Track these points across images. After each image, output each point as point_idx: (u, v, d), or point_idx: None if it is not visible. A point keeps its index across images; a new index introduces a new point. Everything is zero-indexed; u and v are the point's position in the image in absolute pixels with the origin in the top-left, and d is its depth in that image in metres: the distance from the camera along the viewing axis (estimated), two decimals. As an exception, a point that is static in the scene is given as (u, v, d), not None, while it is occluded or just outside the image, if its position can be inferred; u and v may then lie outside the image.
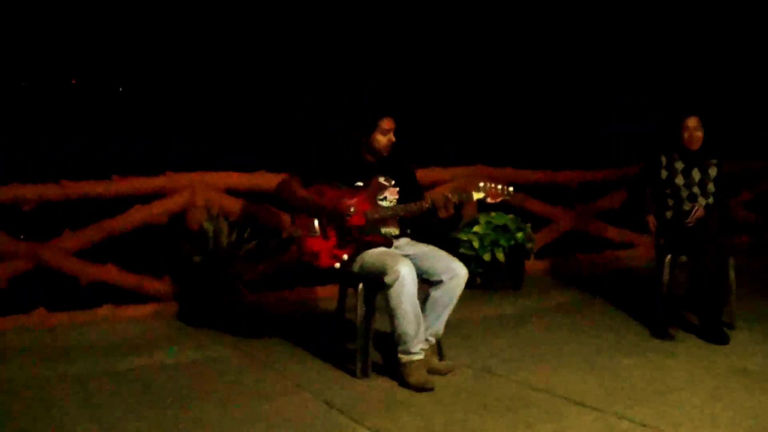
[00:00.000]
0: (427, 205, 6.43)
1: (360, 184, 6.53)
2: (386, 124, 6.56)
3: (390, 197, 6.62)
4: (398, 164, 6.80)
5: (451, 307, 6.36)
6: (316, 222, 6.40)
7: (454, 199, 6.41)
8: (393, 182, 6.66)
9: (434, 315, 6.32)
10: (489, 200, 6.45)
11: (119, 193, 8.23)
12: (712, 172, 7.81)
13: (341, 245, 6.37)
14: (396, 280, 6.00)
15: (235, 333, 7.61)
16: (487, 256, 9.25)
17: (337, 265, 6.35)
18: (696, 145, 7.76)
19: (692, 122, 7.76)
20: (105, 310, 8.05)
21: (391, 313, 6.11)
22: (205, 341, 7.46)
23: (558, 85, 13.61)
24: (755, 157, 12.52)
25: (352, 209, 6.36)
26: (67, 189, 7.98)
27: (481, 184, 6.42)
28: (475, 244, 9.28)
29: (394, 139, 6.60)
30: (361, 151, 6.67)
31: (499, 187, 6.42)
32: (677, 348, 7.11)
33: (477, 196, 6.40)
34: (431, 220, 6.56)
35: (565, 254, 10.91)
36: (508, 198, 6.54)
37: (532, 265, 10.15)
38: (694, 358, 6.79)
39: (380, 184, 6.59)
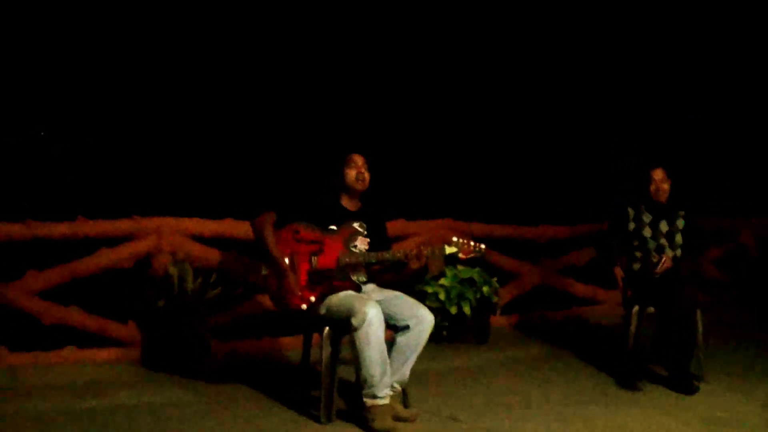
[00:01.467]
0: (399, 255, 6.43)
1: (334, 227, 6.51)
2: (355, 158, 6.62)
3: (360, 246, 6.60)
4: (373, 215, 6.82)
5: (417, 354, 6.34)
6: (286, 260, 6.36)
7: (426, 251, 6.42)
8: (366, 232, 6.65)
9: (400, 361, 6.29)
10: (461, 256, 6.44)
11: (85, 234, 8.15)
12: (680, 223, 7.85)
13: (309, 287, 6.33)
14: (363, 322, 5.98)
15: (198, 379, 7.53)
16: (453, 309, 9.21)
17: (304, 306, 6.31)
18: (663, 197, 7.80)
19: (659, 174, 7.81)
20: (67, 352, 7.94)
21: (357, 356, 6.08)
22: (168, 386, 7.37)
23: (530, 141, 13.67)
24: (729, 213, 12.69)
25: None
26: (32, 229, 7.90)
27: (455, 239, 6.42)
28: (442, 297, 9.24)
29: (366, 175, 6.62)
30: (339, 196, 6.69)
31: (472, 243, 6.42)
32: (645, 398, 7.14)
33: (449, 250, 6.40)
34: (402, 270, 6.58)
35: (531, 309, 10.86)
36: (479, 255, 6.56)
37: (498, 320, 10.13)
38: (661, 407, 6.81)
39: (354, 230, 6.58)
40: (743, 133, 15.29)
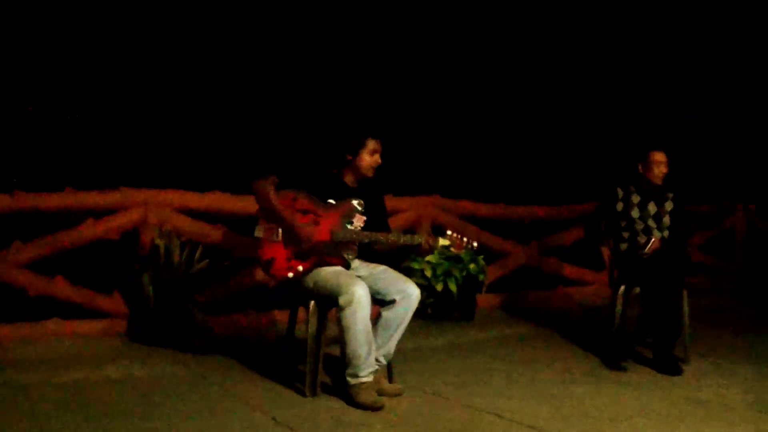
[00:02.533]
0: (393, 239, 6.40)
1: (332, 201, 6.46)
2: (374, 144, 6.50)
3: (357, 223, 6.53)
4: (372, 193, 6.73)
5: (402, 328, 6.33)
6: (279, 229, 6.32)
7: (420, 240, 6.42)
8: (363, 210, 6.60)
9: (386, 335, 6.28)
10: (452, 249, 6.46)
11: (72, 206, 8.13)
12: (668, 205, 7.86)
13: (299, 257, 6.30)
14: (351, 302, 5.97)
15: (184, 352, 7.52)
16: (439, 286, 9.21)
17: (291, 275, 6.27)
18: (660, 180, 7.79)
19: (662, 157, 7.79)
20: (53, 324, 7.93)
21: (342, 335, 6.06)
22: (154, 358, 7.36)
23: (520, 120, 13.67)
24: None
25: (312, 237, 6.29)
26: (19, 200, 7.87)
27: (449, 233, 6.41)
28: (428, 274, 9.23)
29: (380, 161, 6.54)
30: (342, 172, 6.60)
31: (465, 239, 6.41)
32: (630, 378, 7.14)
33: (443, 242, 6.41)
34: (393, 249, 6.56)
35: (517, 289, 10.87)
36: (470, 251, 6.61)
37: (484, 298, 10.12)
38: (646, 387, 6.82)
39: (352, 206, 6.51)
40: (735, 124, 15.32)
